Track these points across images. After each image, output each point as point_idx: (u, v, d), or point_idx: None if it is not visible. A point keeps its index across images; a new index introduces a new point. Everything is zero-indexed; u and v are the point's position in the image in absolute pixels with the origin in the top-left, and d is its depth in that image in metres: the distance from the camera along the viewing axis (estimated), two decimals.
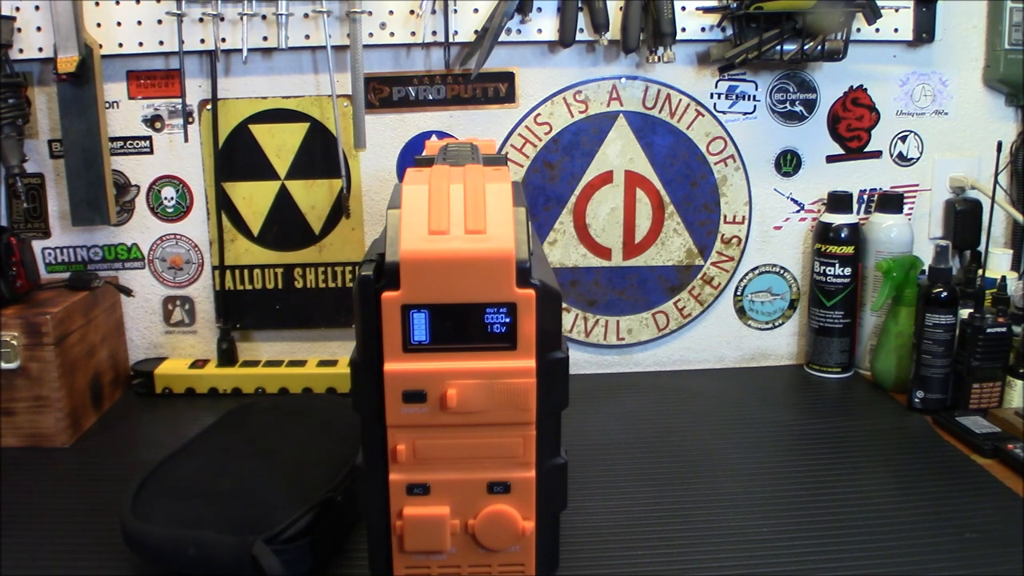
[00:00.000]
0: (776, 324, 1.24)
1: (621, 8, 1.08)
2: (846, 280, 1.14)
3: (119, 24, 1.06)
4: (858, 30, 1.11)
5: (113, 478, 0.87)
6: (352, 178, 1.14)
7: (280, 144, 1.12)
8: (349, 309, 1.17)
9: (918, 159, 1.20)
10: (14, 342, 0.93)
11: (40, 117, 1.11)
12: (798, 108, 1.17)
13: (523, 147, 1.15)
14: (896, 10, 1.12)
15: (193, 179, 1.14)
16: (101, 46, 1.06)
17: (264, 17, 1.06)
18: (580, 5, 1.08)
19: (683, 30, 1.10)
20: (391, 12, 1.07)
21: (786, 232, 1.21)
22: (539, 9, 1.08)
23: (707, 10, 1.10)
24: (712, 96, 1.15)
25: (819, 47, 1.07)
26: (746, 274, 1.22)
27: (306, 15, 1.06)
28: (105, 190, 1.09)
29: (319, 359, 1.15)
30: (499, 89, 1.13)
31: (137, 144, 1.13)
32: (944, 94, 1.18)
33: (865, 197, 1.20)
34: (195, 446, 0.83)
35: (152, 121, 1.12)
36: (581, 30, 1.09)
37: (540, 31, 1.09)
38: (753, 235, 1.20)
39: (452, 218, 0.56)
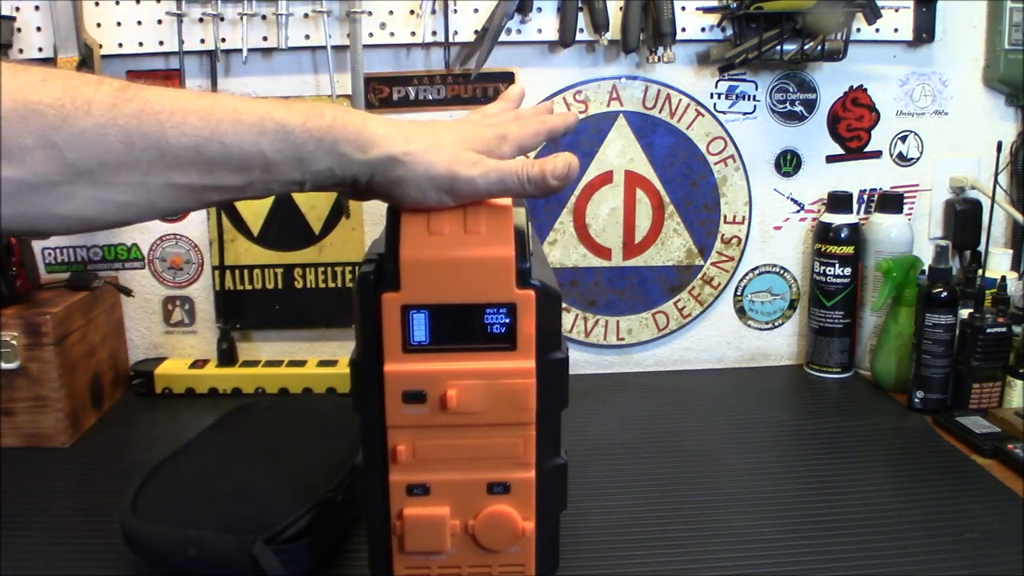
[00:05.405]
0: (776, 324, 1.24)
1: (621, 8, 1.08)
2: (846, 280, 1.14)
3: (119, 24, 1.06)
4: (858, 30, 1.11)
5: (113, 478, 0.87)
6: None
7: None
8: (349, 309, 1.17)
9: (918, 159, 1.20)
10: (14, 342, 0.93)
11: None
12: (798, 108, 1.17)
13: None
14: (896, 10, 1.12)
15: None
16: (101, 46, 1.06)
17: (264, 17, 1.06)
18: (580, 5, 1.08)
19: (683, 30, 1.10)
20: (391, 12, 1.07)
21: (786, 232, 1.21)
22: (539, 9, 1.08)
23: (707, 10, 1.10)
24: (712, 96, 1.15)
25: (819, 47, 1.07)
26: (746, 274, 1.22)
27: (306, 15, 1.06)
28: None
29: (319, 359, 1.15)
30: (499, 89, 1.13)
31: None
32: (944, 94, 1.18)
33: (865, 197, 1.20)
34: (195, 446, 0.83)
35: None
36: (581, 30, 1.09)
37: (540, 31, 1.09)
38: (753, 235, 1.20)
39: (451, 218, 0.56)
